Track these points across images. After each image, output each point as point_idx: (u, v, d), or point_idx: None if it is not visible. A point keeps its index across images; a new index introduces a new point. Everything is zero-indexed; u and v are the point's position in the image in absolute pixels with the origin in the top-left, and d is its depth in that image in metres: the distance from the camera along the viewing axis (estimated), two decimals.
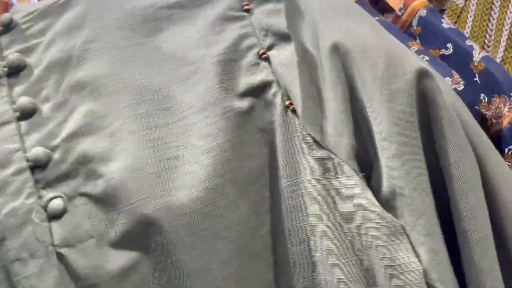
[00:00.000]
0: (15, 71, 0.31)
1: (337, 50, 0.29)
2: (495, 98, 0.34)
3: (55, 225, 0.28)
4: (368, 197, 0.29)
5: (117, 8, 0.34)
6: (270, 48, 0.31)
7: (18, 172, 0.28)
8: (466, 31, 0.43)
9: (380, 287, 0.28)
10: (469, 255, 0.28)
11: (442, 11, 0.44)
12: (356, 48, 0.29)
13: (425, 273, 0.28)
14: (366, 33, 0.29)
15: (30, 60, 0.32)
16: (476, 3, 0.41)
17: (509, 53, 0.41)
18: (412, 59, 0.30)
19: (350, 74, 0.29)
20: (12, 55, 0.31)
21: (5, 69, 0.31)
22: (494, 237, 0.29)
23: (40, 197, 0.28)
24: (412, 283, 0.27)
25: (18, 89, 0.30)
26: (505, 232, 0.30)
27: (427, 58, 0.41)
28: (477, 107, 0.40)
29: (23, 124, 0.29)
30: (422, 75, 0.29)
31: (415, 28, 0.43)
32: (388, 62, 0.28)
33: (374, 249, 0.28)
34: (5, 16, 0.33)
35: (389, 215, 0.28)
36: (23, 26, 0.33)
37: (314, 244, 0.30)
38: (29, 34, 0.33)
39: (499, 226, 0.30)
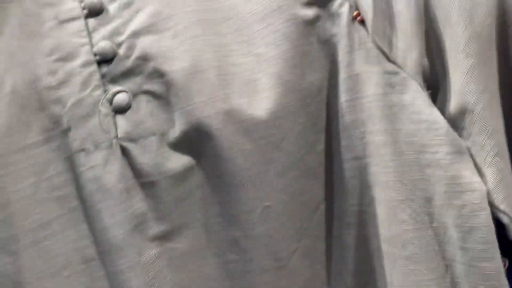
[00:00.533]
0: None
1: None
2: None
3: (119, 118, 0.28)
4: (434, 113, 0.28)
5: None
6: None
7: (85, 64, 0.28)
8: None
9: (438, 207, 0.28)
10: None
11: None
12: None
13: (490, 194, 0.27)
14: None
15: None
16: None
17: None
18: None
19: None
20: None
21: None
22: None
23: (105, 91, 0.28)
24: (472, 203, 0.27)
25: None
26: None
27: None
28: None
29: (91, 20, 0.30)
30: None
31: None
32: None
33: (436, 167, 0.28)
34: None
35: (455, 134, 0.27)
36: None
37: (370, 161, 0.30)
38: None
39: None
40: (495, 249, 0.26)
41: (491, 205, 0.27)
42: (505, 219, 0.26)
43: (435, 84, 0.29)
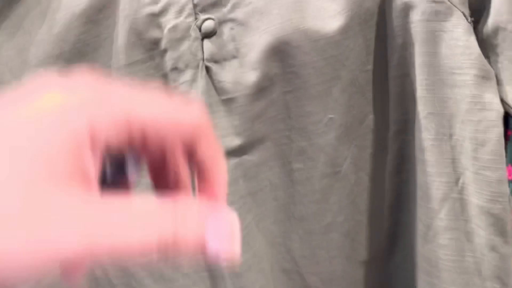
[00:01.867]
0: None
1: None
2: None
3: (206, 42, 0.34)
4: (470, 40, 0.32)
5: None
6: None
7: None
8: None
9: (459, 122, 0.33)
10: None
11: None
12: None
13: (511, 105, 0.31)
14: None
15: None
16: None
17: None
18: None
19: None
20: None
21: None
22: None
23: (196, 18, 0.34)
24: (488, 120, 0.32)
25: None
26: None
27: None
28: None
29: None
30: None
31: None
32: None
33: (462, 87, 0.33)
34: None
35: (485, 60, 0.32)
36: None
37: (413, 78, 0.34)
38: None
39: None
40: (502, 160, 0.32)
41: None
42: None
43: (479, 11, 0.33)
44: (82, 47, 0.35)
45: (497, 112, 0.32)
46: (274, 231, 0.38)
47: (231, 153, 0.35)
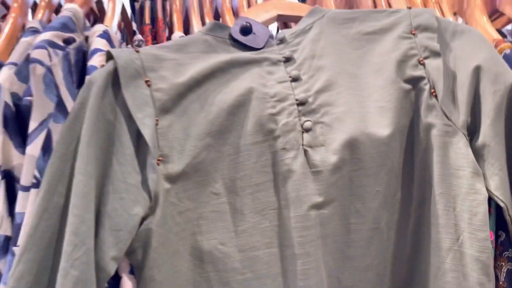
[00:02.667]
0: (287, 60, 0.57)
1: (478, 69, 0.53)
2: None
3: (305, 135, 0.54)
4: (468, 150, 0.53)
5: (337, 32, 0.59)
6: (425, 58, 0.56)
7: (291, 104, 0.54)
8: None
9: (460, 200, 0.52)
10: None
11: None
12: (487, 69, 0.53)
13: (495, 191, 0.51)
14: (492, 59, 0.54)
15: (295, 55, 0.58)
16: None
17: None
18: (510, 75, 0.54)
19: (478, 83, 0.53)
20: (286, 53, 0.58)
21: (283, 58, 0.57)
22: None
23: (300, 119, 0.54)
24: (479, 200, 0.52)
25: (289, 68, 0.56)
26: None
27: None
28: None
29: (293, 83, 0.55)
30: None
31: None
32: (498, 75, 0.52)
33: (463, 178, 0.53)
34: (281, 33, 0.59)
35: (476, 163, 0.52)
36: (289, 39, 0.59)
37: (430, 171, 0.54)
38: (293, 43, 0.59)
39: None
40: (487, 226, 0.51)
41: (495, 196, 0.51)
42: (501, 204, 0.51)
43: (473, 133, 0.54)
44: (223, 129, 0.54)
45: (484, 195, 0.51)
46: (331, 265, 0.55)
47: (314, 206, 0.53)
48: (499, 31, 0.83)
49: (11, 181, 0.54)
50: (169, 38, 0.78)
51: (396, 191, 0.57)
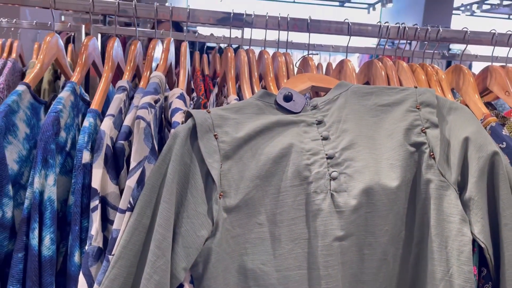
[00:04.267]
0: (319, 123, 0.74)
1: (467, 140, 0.70)
2: None
3: (332, 182, 0.70)
4: (457, 201, 0.69)
5: (358, 103, 0.77)
6: (427, 128, 0.72)
7: (322, 158, 0.71)
8: None
9: (451, 241, 0.67)
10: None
11: (503, 125, 0.85)
12: (474, 140, 0.69)
13: (478, 234, 0.66)
14: (477, 132, 0.70)
15: (325, 119, 0.75)
16: None
17: None
18: (493, 145, 0.70)
19: (466, 150, 0.70)
20: (318, 117, 0.75)
21: (316, 121, 0.74)
22: None
23: (328, 170, 0.70)
24: (465, 241, 0.67)
25: (320, 129, 0.74)
26: None
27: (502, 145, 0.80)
28: None
29: (323, 141, 0.72)
30: (495, 153, 0.69)
31: (487, 131, 0.83)
32: (482, 145, 0.69)
33: (453, 223, 0.68)
34: (314, 101, 0.77)
35: (464, 212, 0.68)
36: (321, 106, 0.77)
37: (428, 216, 0.70)
38: (323, 109, 0.76)
39: None
40: (471, 262, 0.66)
41: (478, 238, 0.66)
42: (482, 245, 0.66)
43: (462, 188, 0.70)
44: (269, 174, 0.70)
45: (469, 237, 0.67)
46: (347, 287, 0.70)
47: (337, 239, 0.68)
48: (489, 103, 1.00)
49: (104, 205, 0.70)
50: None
51: (401, 230, 0.72)
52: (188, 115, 0.71)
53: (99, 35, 1.29)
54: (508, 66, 0.91)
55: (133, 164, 0.65)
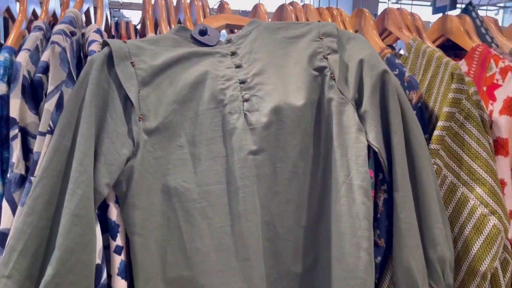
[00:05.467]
0: (233, 54, 0.80)
1: (361, 61, 0.79)
2: (411, 92, 0.84)
3: (245, 103, 0.76)
4: (354, 114, 0.78)
5: (268, 36, 0.83)
6: (328, 54, 0.81)
7: (235, 83, 0.77)
8: (407, 65, 0.94)
9: (349, 148, 0.76)
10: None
11: (397, 56, 0.96)
12: (368, 61, 0.78)
13: (371, 142, 0.76)
14: (371, 55, 0.79)
15: (238, 51, 0.80)
16: (412, 57, 0.92)
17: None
18: (384, 65, 0.80)
19: (361, 70, 0.79)
20: (232, 49, 0.81)
21: (230, 52, 0.80)
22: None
23: (241, 93, 0.77)
24: (361, 147, 0.75)
25: (234, 59, 0.79)
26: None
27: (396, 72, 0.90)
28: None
29: (237, 69, 0.78)
30: (385, 71, 0.78)
31: (384, 61, 0.94)
32: (374, 65, 0.78)
33: (351, 133, 0.77)
34: (229, 36, 0.83)
35: (360, 123, 0.77)
36: (234, 40, 0.82)
37: (331, 131, 0.79)
38: (237, 43, 0.82)
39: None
40: (366, 164, 0.75)
41: (372, 144, 0.76)
42: (376, 149, 0.76)
43: (359, 104, 0.79)
44: (186, 99, 0.76)
45: (365, 144, 0.76)
46: (263, 198, 0.77)
47: (251, 153, 0.75)
48: (390, 45, 1.12)
49: (25, 135, 0.72)
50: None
51: (309, 147, 0.80)
52: (104, 44, 0.74)
53: None
54: (402, 8, 1.03)
55: (50, 88, 0.68)
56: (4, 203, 0.69)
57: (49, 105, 0.68)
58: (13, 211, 0.69)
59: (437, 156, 0.82)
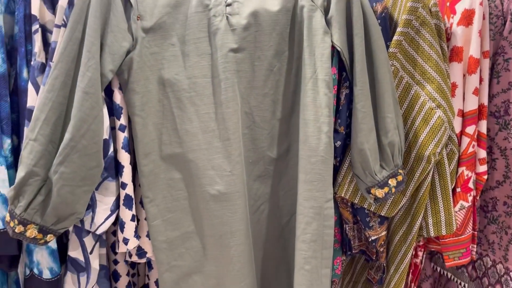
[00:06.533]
0: None
1: None
2: (377, 4, 0.96)
3: (227, 8, 0.89)
4: (322, 20, 0.90)
5: None
6: None
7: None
8: None
9: (316, 48, 0.90)
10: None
11: None
12: None
13: (334, 42, 0.89)
14: None
15: None
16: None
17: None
18: None
19: None
20: None
21: None
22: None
23: (226, 2, 0.89)
24: (326, 46, 0.89)
25: None
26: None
27: None
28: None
29: None
30: None
31: None
32: None
33: (319, 35, 0.90)
34: None
35: (326, 27, 0.89)
36: None
37: (302, 35, 0.91)
38: None
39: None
40: (329, 61, 0.91)
41: (335, 44, 0.89)
42: (338, 48, 0.89)
43: (326, 11, 0.91)
44: (177, 3, 0.89)
45: (329, 43, 0.89)
46: (243, 91, 0.92)
47: (232, 50, 0.89)
48: None
49: (44, 31, 0.87)
50: None
51: (284, 50, 0.93)
52: None
53: None
54: None
55: None
56: (30, 86, 0.85)
57: (62, 2, 0.82)
58: (37, 92, 0.85)
59: (395, 58, 0.94)
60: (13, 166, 0.89)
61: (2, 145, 0.86)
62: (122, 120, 0.88)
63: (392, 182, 0.90)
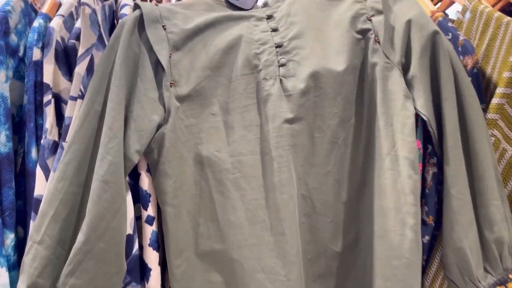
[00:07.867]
0: (269, 17, 0.75)
1: (409, 22, 0.71)
2: (466, 57, 0.75)
3: (281, 68, 0.72)
4: (401, 79, 0.71)
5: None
6: (372, 16, 0.74)
7: (271, 47, 0.72)
8: (462, 29, 0.85)
9: (396, 116, 0.70)
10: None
11: (450, 21, 0.87)
12: (416, 21, 0.71)
13: (419, 110, 0.69)
14: (420, 15, 0.72)
15: (275, 14, 0.75)
16: (468, 20, 0.83)
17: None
18: (434, 26, 0.72)
19: (409, 32, 0.72)
20: (268, 12, 0.76)
21: (266, 16, 0.75)
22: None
23: (277, 57, 0.72)
24: (408, 115, 0.69)
25: (270, 23, 0.74)
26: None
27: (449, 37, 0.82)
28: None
29: (272, 33, 0.73)
30: (436, 32, 0.71)
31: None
32: (424, 25, 0.71)
33: (398, 100, 0.70)
34: (265, 0, 0.78)
35: (407, 89, 0.70)
36: (271, 4, 0.77)
37: (375, 97, 0.72)
38: (274, 6, 0.77)
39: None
40: (414, 134, 0.69)
41: (420, 112, 0.69)
42: (424, 118, 0.69)
43: (406, 69, 0.73)
44: (219, 64, 0.72)
45: (412, 111, 0.69)
46: (299, 170, 0.72)
47: (287, 121, 0.70)
48: (443, 11, 1.03)
49: (58, 102, 0.71)
50: None
51: (351, 116, 0.74)
52: (135, 7, 0.71)
53: None
54: None
55: (81, 51, 0.66)
56: (38, 170, 0.69)
57: (79, 69, 0.66)
58: (47, 177, 0.69)
59: (495, 126, 0.74)
60: (17, 266, 0.72)
61: (3, 242, 0.69)
62: (150, 211, 0.70)
63: None
